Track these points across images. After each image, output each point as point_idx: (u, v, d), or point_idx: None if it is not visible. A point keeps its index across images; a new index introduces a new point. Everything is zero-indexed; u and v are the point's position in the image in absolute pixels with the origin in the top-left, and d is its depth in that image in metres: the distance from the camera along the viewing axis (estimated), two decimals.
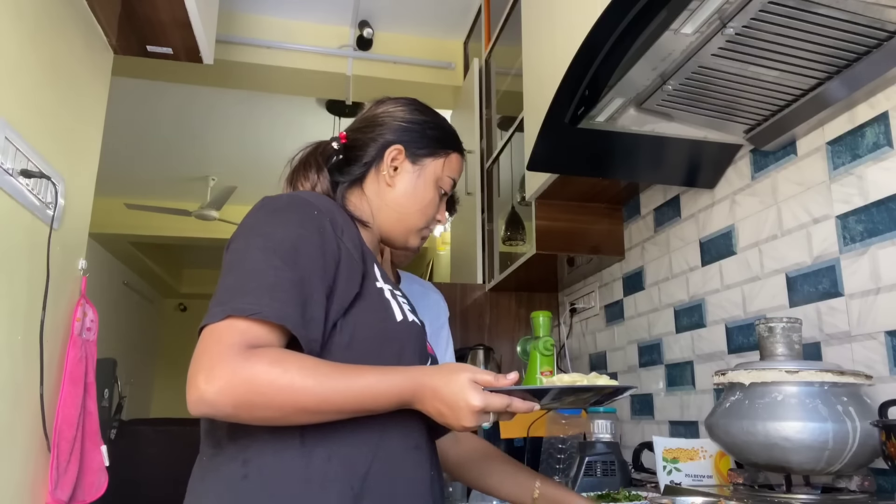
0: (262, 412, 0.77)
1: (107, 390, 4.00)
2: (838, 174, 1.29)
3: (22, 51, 1.53)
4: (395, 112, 1.10)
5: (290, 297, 0.81)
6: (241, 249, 0.86)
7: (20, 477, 1.56)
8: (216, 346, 0.77)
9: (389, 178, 1.06)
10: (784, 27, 1.08)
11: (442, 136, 1.11)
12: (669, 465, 1.34)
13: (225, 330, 0.78)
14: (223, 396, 0.74)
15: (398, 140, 1.07)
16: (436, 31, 3.40)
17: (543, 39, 1.90)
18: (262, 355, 0.77)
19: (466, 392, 0.81)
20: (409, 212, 1.07)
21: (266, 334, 0.79)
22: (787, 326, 1.13)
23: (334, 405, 0.79)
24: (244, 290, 0.81)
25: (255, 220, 0.90)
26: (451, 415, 0.81)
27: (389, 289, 0.98)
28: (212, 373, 0.75)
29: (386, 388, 0.81)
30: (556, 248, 2.11)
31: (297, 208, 0.91)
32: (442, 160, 1.09)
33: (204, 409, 0.75)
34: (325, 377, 0.78)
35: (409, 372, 0.84)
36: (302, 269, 0.84)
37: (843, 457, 1.00)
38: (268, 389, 0.75)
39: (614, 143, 1.53)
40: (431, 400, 0.82)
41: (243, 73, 3.29)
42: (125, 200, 5.41)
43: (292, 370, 0.77)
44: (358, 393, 0.80)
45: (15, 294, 1.53)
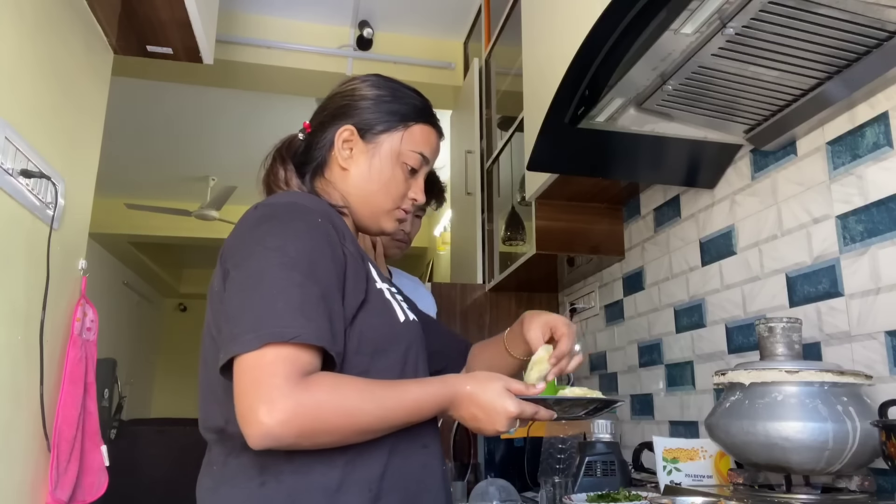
0: (325, 438, 0.78)
1: (107, 390, 4.00)
2: (838, 174, 1.29)
3: (22, 51, 1.53)
4: (350, 90, 1.05)
5: (319, 314, 0.80)
6: (257, 269, 0.82)
7: (20, 477, 1.56)
8: (272, 378, 0.75)
9: (343, 160, 1.02)
10: (784, 27, 1.08)
11: (400, 108, 1.03)
12: (669, 465, 1.34)
13: (275, 360, 0.76)
14: (288, 428, 0.74)
15: (350, 120, 1.02)
16: (436, 31, 3.40)
17: (543, 39, 1.90)
18: (320, 383, 0.77)
19: (503, 399, 0.86)
20: (370, 193, 1.01)
21: (310, 358, 0.79)
22: (787, 326, 1.13)
23: (389, 423, 0.82)
24: (274, 313, 0.78)
25: (260, 233, 0.86)
26: (486, 419, 0.86)
27: (387, 288, 0.98)
28: (274, 406, 0.74)
29: (430, 399, 0.85)
30: (556, 248, 2.11)
31: (300, 217, 0.88)
32: (400, 133, 1.02)
33: (268, 443, 0.75)
34: (380, 398, 0.81)
35: (446, 381, 0.88)
36: (322, 283, 0.83)
37: (843, 457, 1.00)
38: (332, 417, 0.77)
39: (614, 143, 1.53)
40: (468, 406, 0.86)
41: (243, 73, 3.29)
42: (125, 200, 5.41)
43: (352, 396, 0.79)
44: (408, 407, 0.83)
45: (15, 294, 1.53)
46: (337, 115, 1.03)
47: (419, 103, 1.06)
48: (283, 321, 0.77)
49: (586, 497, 1.28)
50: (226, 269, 0.88)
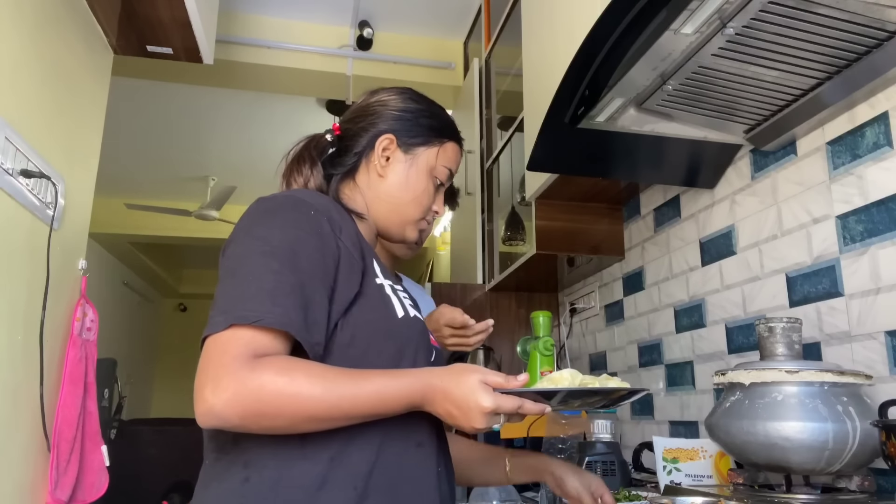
0: (270, 422, 0.76)
1: (107, 390, 4.00)
2: (838, 174, 1.29)
3: (22, 51, 1.53)
4: (388, 101, 1.08)
5: (291, 301, 0.80)
6: (239, 255, 0.85)
7: (20, 477, 1.56)
8: (222, 356, 0.76)
9: (381, 168, 1.04)
10: (784, 27, 1.08)
11: (436, 124, 1.08)
12: (669, 465, 1.34)
13: (229, 340, 0.77)
14: (231, 408, 0.74)
15: (390, 129, 1.05)
16: (436, 31, 3.40)
17: (543, 39, 1.90)
18: (268, 364, 0.76)
19: (477, 393, 0.80)
20: (402, 203, 1.04)
21: (270, 342, 0.78)
22: (787, 326, 1.13)
23: (343, 412, 0.78)
24: (244, 297, 0.79)
25: (250, 223, 0.88)
26: (461, 416, 0.81)
27: (390, 284, 0.97)
28: (218, 384, 0.74)
29: (394, 392, 0.80)
30: (556, 248, 2.11)
31: (293, 208, 0.89)
32: (436, 149, 1.07)
33: (212, 422, 0.75)
34: (332, 384, 0.77)
35: (417, 374, 0.83)
36: (302, 272, 0.83)
37: (843, 457, 1.00)
38: (275, 399, 0.74)
39: (614, 143, 1.53)
40: (442, 402, 0.82)
41: (243, 73, 3.29)
42: (125, 200, 5.41)
43: (300, 379, 0.76)
44: (366, 398, 0.79)
45: (15, 294, 1.53)
46: (375, 122, 1.05)
47: (451, 122, 1.12)
48: (249, 305, 0.78)
49: None
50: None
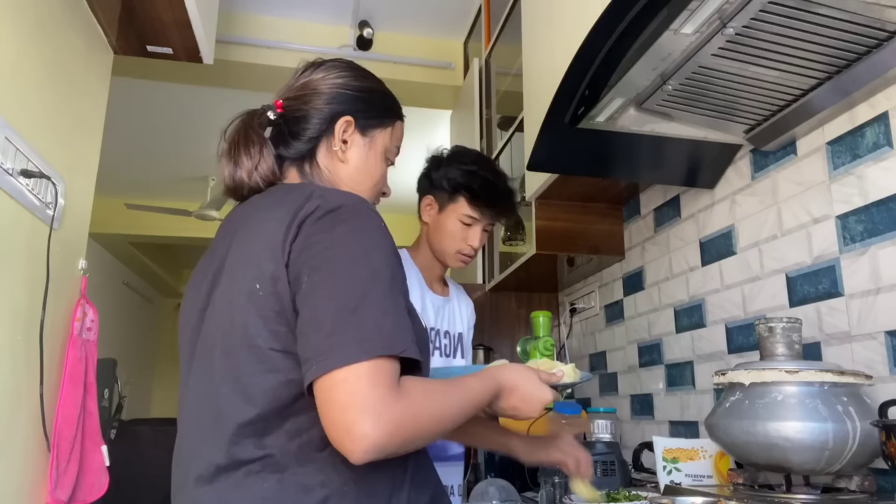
0: (419, 443, 0.80)
1: (107, 390, 3.99)
2: (838, 174, 1.29)
3: (22, 51, 1.53)
4: (338, 79, 1.02)
5: (408, 323, 0.81)
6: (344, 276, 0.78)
7: (20, 477, 1.56)
8: (375, 390, 0.73)
9: (342, 152, 0.99)
10: (784, 27, 1.08)
11: (388, 103, 1.06)
12: (669, 465, 1.34)
13: (375, 371, 0.74)
14: (394, 438, 0.73)
15: (347, 111, 1.00)
16: (436, 31, 3.40)
17: (543, 39, 1.90)
18: (415, 391, 0.78)
19: (543, 389, 0.98)
20: (363, 188, 1.00)
21: (398, 368, 0.78)
22: (787, 326, 1.13)
23: (463, 418, 0.86)
24: (376, 325, 0.76)
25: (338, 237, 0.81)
26: (525, 407, 0.96)
27: None
28: (380, 419, 0.72)
29: (484, 392, 0.91)
30: (556, 248, 2.11)
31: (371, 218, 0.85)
32: (389, 130, 1.05)
33: (374, 455, 0.73)
34: (458, 399, 0.85)
35: (491, 374, 0.94)
36: (402, 292, 0.85)
37: (843, 457, 1.00)
38: (428, 422, 0.79)
39: (614, 143, 1.53)
40: (509, 397, 0.96)
41: (243, 73, 3.28)
42: (125, 200, 5.41)
43: (440, 399, 0.82)
44: (473, 403, 0.88)
45: (15, 294, 1.53)
46: (332, 103, 1.00)
47: (396, 99, 1.09)
48: (385, 333, 0.76)
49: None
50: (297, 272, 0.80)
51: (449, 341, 1.59)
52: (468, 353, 1.68)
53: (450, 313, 1.62)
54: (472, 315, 1.72)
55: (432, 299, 1.58)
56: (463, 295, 1.72)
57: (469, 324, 1.70)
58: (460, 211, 1.52)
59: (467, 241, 1.54)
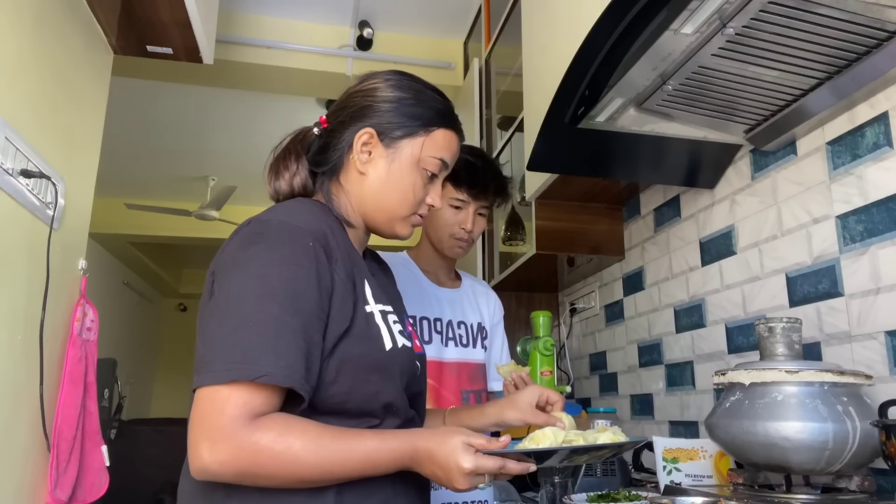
0: (263, 482, 0.78)
1: (107, 390, 4.00)
2: (838, 174, 1.29)
3: (22, 51, 1.53)
4: (370, 90, 0.99)
5: (293, 350, 0.78)
6: (236, 295, 0.81)
7: (20, 477, 1.56)
8: (220, 416, 0.75)
9: (361, 165, 0.97)
10: (784, 27, 1.08)
11: (422, 112, 0.98)
12: (669, 465, 1.34)
13: (228, 398, 0.75)
14: (226, 468, 0.75)
15: (370, 122, 0.97)
16: (436, 31, 3.40)
17: (543, 39, 1.90)
18: (266, 428, 0.76)
19: (458, 455, 0.81)
20: (388, 200, 0.97)
21: (268, 398, 0.78)
22: (787, 326, 1.13)
23: (333, 475, 0.80)
24: (246, 347, 0.77)
25: (247, 256, 0.83)
26: (444, 477, 0.82)
27: (381, 310, 0.94)
28: (215, 445, 0.74)
29: (385, 455, 0.82)
30: (556, 248, 2.11)
31: (291, 240, 0.85)
32: (421, 139, 0.97)
33: (207, 478, 0.76)
34: (326, 450, 0.78)
35: (405, 436, 0.84)
36: (303, 314, 0.81)
37: (843, 457, 1.00)
38: (270, 463, 0.76)
39: (614, 143, 1.53)
40: (428, 463, 0.83)
41: (243, 73, 3.28)
42: (125, 200, 5.41)
43: (296, 445, 0.77)
44: (357, 462, 0.80)
45: (15, 294, 1.53)
46: (356, 115, 0.98)
47: (442, 106, 1.01)
48: (251, 357, 0.76)
49: (586, 497, 1.28)
50: (212, 288, 0.86)
51: (465, 332, 1.60)
52: (495, 345, 1.68)
53: (463, 304, 1.63)
54: (497, 306, 1.72)
55: (443, 293, 1.59)
56: (481, 286, 1.72)
57: (493, 315, 1.69)
58: (447, 196, 1.52)
59: (460, 225, 1.53)
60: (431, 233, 1.58)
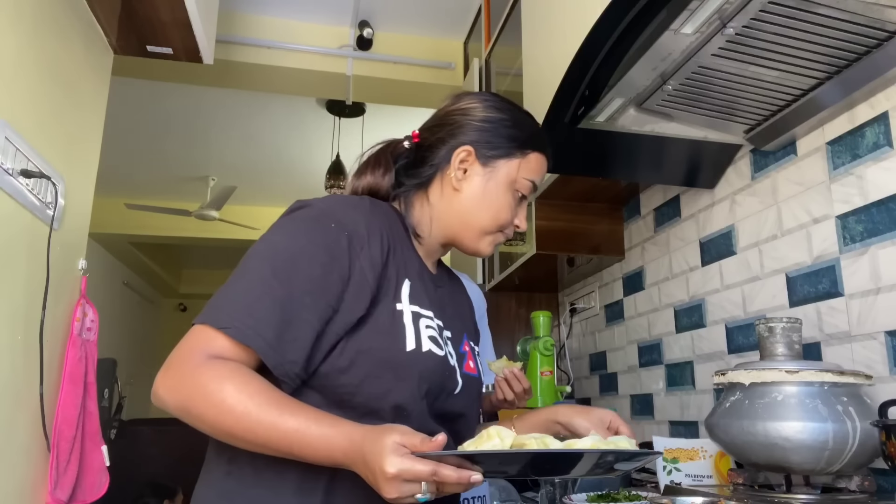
0: (196, 422, 0.77)
1: (107, 390, 3.99)
2: (838, 174, 1.29)
3: (22, 51, 1.53)
4: (469, 109, 1.02)
5: (269, 314, 0.79)
6: (248, 254, 0.86)
7: (20, 477, 1.56)
8: (185, 345, 0.79)
9: (457, 181, 0.98)
10: (784, 27, 1.08)
11: (519, 134, 1.01)
12: (669, 465, 1.34)
13: (198, 335, 0.80)
14: (168, 395, 0.77)
15: (468, 140, 0.99)
16: (436, 31, 3.40)
17: (543, 39, 1.90)
18: (212, 367, 0.76)
19: (385, 456, 0.68)
20: (478, 216, 0.99)
21: (233, 349, 0.78)
22: (787, 326, 1.13)
23: (259, 439, 0.74)
24: (228, 299, 0.81)
25: (274, 226, 0.89)
26: (374, 483, 0.70)
27: (415, 311, 0.90)
28: (168, 370, 0.79)
29: (316, 438, 0.73)
30: (556, 248, 2.11)
31: (314, 219, 0.87)
32: (518, 161, 1.00)
33: (155, 401, 0.79)
34: (256, 407, 0.73)
35: (346, 426, 0.74)
36: (293, 285, 0.81)
37: (843, 457, 1.00)
38: (201, 402, 0.75)
39: (614, 143, 1.53)
40: (361, 465, 0.71)
41: (243, 73, 3.28)
42: (125, 200, 5.41)
43: (228, 390, 0.74)
44: (285, 433, 0.73)
45: (15, 294, 1.53)
46: (454, 133, 1.00)
47: (537, 130, 1.05)
48: (227, 309, 0.80)
49: (586, 497, 1.27)
50: None
51: None
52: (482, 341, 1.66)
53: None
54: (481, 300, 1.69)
55: None
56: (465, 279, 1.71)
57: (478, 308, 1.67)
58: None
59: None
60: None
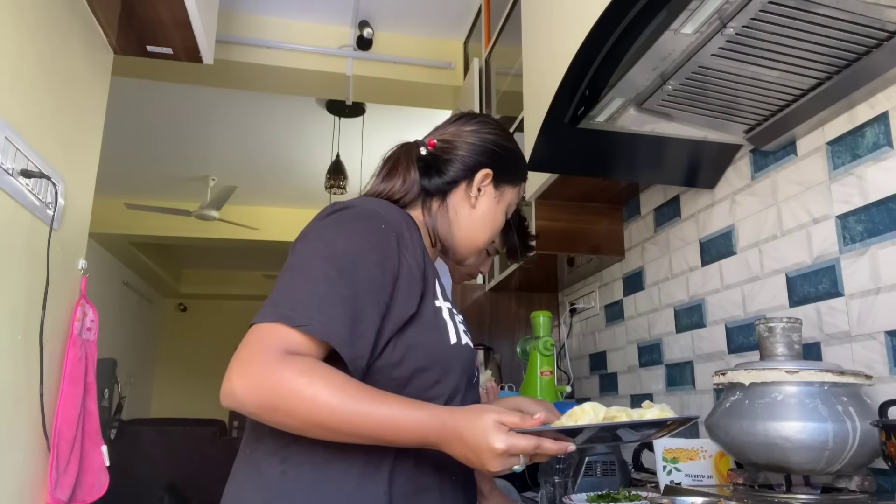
0: (282, 418, 0.78)
1: (107, 390, 4.00)
2: (838, 174, 1.29)
3: (22, 51, 1.53)
4: (488, 136, 1.12)
5: (339, 312, 0.82)
6: (304, 253, 0.88)
7: (20, 477, 1.56)
8: (257, 344, 0.79)
9: (474, 199, 1.09)
10: (784, 27, 1.08)
11: (522, 165, 1.17)
12: (669, 465, 1.34)
13: (270, 332, 0.79)
14: (249, 394, 0.76)
15: (490, 165, 1.09)
16: (436, 31, 3.40)
17: (543, 39, 1.90)
18: (294, 362, 0.77)
19: (489, 434, 0.78)
20: (480, 232, 1.10)
21: (307, 345, 0.80)
22: (787, 326, 1.13)
23: (354, 428, 0.78)
24: (296, 297, 0.82)
25: (322, 225, 0.91)
26: (475, 459, 0.79)
27: (448, 307, 0.98)
28: (244, 368, 0.77)
29: (408, 422, 0.79)
30: (556, 248, 2.11)
31: (366, 219, 0.92)
32: (517, 189, 1.14)
33: (231, 403, 0.78)
34: (349, 398, 0.78)
35: (434, 409, 0.82)
36: (357, 284, 0.85)
37: (843, 457, 1.00)
38: (291, 397, 0.76)
39: (614, 143, 1.53)
40: (457, 443, 0.80)
41: (243, 73, 3.28)
42: (125, 200, 5.41)
43: (319, 383, 0.77)
44: (378, 421, 0.78)
45: (15, 294, 1.53)
46: (478, 153, 1.10)
47: (525, 164, 1.20)
48: (299, 307, 0.81)
49: (586, 497, 1.28)
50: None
51: None
52: None
53: None
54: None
55: None
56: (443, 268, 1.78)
57: None
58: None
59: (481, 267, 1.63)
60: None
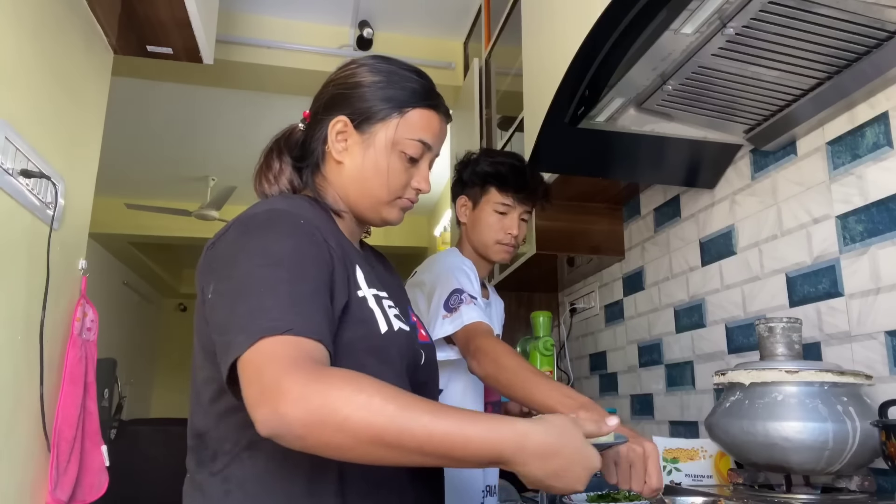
0: (331, 435, 0.65)
1: (107, 390, 3.99)
2: (838, 174, 1.29)
3: (22, 51, 1.53)
4: (344, 77, 0.97)
5: (312, 309, 0.74)
6: (240, 273, 0.76)
7: (20, 477, 1.56)
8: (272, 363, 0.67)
9: (338, 154, 0.95)
10: (784, 27, 1.08)
11: (395, 93, 0.95)
12: (669, 465, 1.34)
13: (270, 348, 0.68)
14: (296, 409, 0.64)
15: (343, 111, 0.95)
16: (436, 31, 3.40)
17: (543, 39, 1.90)
18: (335, 370, 0.68)
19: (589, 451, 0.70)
20: (367, 187, 0.95)
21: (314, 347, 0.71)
22: (787, 326, 1.13)
23: (415, 441, 0.65)
24: (263, 311, 0.71)
25: (241, 242, 0.80)
26: (568, 476, 0.69)
27: (374, 294, 0.90)
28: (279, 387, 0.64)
29: (480, 434, 0.67)
30: (556, 248, 2.11)
31: (282, 219, 0.83)
32: (395, 122, 0.94)
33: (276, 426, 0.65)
34: (407, 407, 0.66)
35: (508, 420, 0.70)
36: (311, 280, 0.77)
37: (843, 457, 1.00)
38: (342, 406, 0.64)
39: (614, 143, 1.53)
40: (542, 458, 0.68)
41: (243, 73, 3.28)
42: (125, 200, 5.41)
43: (370, 389, 0.66)
44: (445, 432, 0.66)
45: (15, 294, 1.53)
46: (330, 105, 0.96)
47: (417, 85, 0.98)
48: (272, 315, 0.70)
49: (586, 497, 1.28)
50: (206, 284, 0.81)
51: None
52: None
53: (491, 314, 1.63)
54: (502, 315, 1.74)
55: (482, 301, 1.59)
56: (496, 295, 1.75)
57: (501, 323, 1.73)
58: (493, 200, 1.55)
59: (506, 230, 1.56)
60: (476, 239, 1.59)
